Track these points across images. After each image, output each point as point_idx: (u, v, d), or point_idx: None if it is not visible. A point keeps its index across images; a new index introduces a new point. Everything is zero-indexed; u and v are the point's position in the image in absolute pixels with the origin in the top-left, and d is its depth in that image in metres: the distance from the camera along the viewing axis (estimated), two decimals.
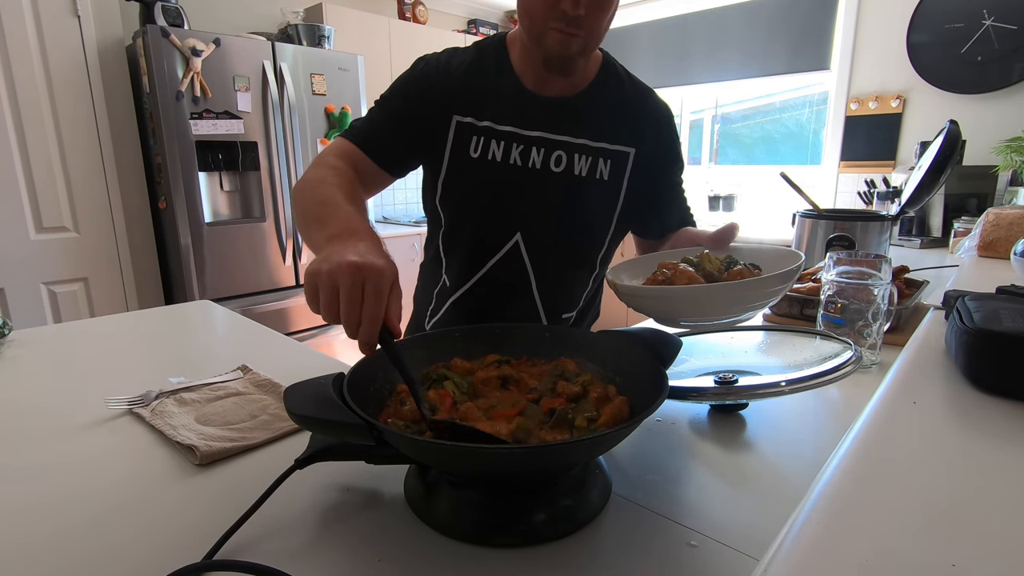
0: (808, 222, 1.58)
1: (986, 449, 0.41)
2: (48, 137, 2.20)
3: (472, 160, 0.89)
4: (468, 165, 0.90)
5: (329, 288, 0.53)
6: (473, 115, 0.89)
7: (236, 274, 2.55)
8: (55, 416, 0.76)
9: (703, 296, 0.58)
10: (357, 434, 0.49)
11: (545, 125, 0.89)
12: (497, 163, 0.89)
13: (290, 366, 0.94)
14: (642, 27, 4.08)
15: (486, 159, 0.89)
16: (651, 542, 0.50)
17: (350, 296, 0.53)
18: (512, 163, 0.89)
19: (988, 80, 2.79)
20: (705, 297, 0.58)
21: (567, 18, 0.77)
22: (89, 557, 0.49)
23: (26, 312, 2.22)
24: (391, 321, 0.54)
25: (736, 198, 3.80)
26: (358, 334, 0.53)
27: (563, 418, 0.54)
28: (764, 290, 0.58)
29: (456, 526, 0.51)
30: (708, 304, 0.59)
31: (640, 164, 0.92)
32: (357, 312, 0.53)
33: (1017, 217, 1.28)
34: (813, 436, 0.72)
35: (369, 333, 0.53)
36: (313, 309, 0.56)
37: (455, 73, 0.90)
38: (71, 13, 2.19)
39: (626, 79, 0.94)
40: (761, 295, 0.59)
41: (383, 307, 0.53)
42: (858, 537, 0.30)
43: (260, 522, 0.51)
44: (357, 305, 0.53)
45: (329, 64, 2.72)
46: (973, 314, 0.53)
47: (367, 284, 0.53)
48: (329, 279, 0.53)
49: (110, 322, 1.22)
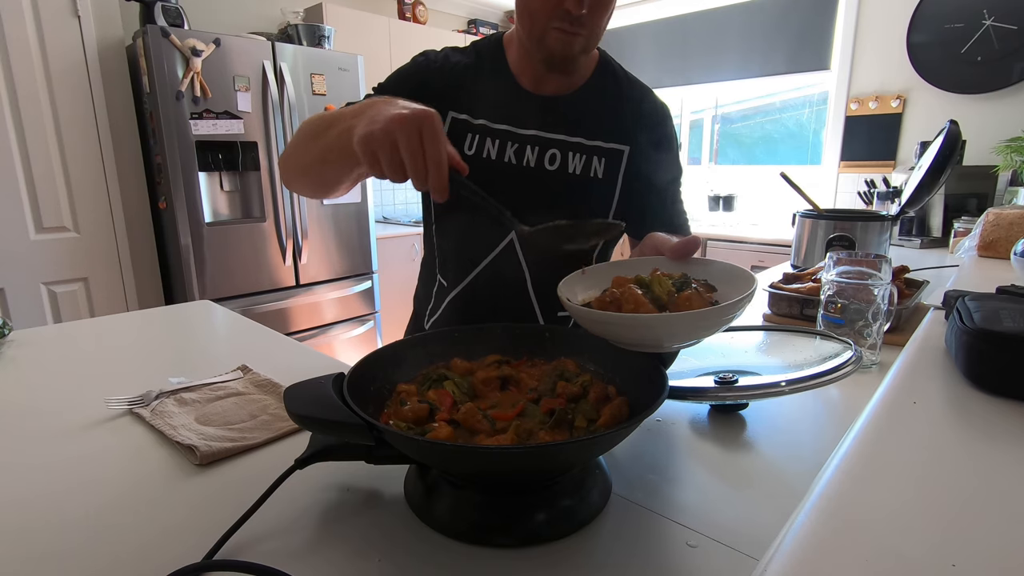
0: (808, 222, 1.58)
1: (986, 449, 0.41)
2: (48, 137, 2.20)
3: (467, 158, 0.89)
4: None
5: (388, 146, 0.54)
6: (468, 113, 0.89)
7: (236, 274, 2.55)
8: (55, 416, 0.76)
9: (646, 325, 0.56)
10: (357, 434, 0.49)
11: (540, 124, 0.89)
12: (492, 161, 0.89)
13: (290, 366, 0.94)
14: (642, 27, 4.08)
15: (480, 157, 0.89)
16: (651, 542, 0.50)
17: (410, 147, 0.53)
18: (507, 161, 0.89)
19: (988, 80, 2.79)
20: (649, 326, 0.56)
21: (570, 18, 0.77)
22: (89, 557, 0.49)
23: (26, 312, 2.22)
24: (455, 160, 0.56)
25: (736, 198, 3.80)
26: (428, 181, 0.54)
27: (563, 418, 0.54)
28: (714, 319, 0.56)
29: (456, 526, 0.51)
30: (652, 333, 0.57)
31: (634, 162, 0.92)
32: (422, 160, 0.54)
33: (1017, 217, 1.28)
34: (813, 436, 0.72)
35: (439, 177, 0.54)
36: (376, 174, 0.57)
37: (452, 71, 0.91)
38: (71, 13, 2.19)
39: (623, 77, 0.94)
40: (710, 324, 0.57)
41: (444, 149, 0.55)
42: (858, 537, 0.30)
43: (260, 522, 0.51)
44: (420, 154, 0.54)
45: (329, 64, 2.72)
46: (973, 314, 0.53)
47: (424, 131, 0.53)
48: (386, 136, 0.54)
49: (110, 322, 1.22)
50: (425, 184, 0.55)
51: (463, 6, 4.16)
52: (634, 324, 0.56)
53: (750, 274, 0.61)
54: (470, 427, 0.54)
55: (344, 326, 2.96)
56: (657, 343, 0.59)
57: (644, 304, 0.57)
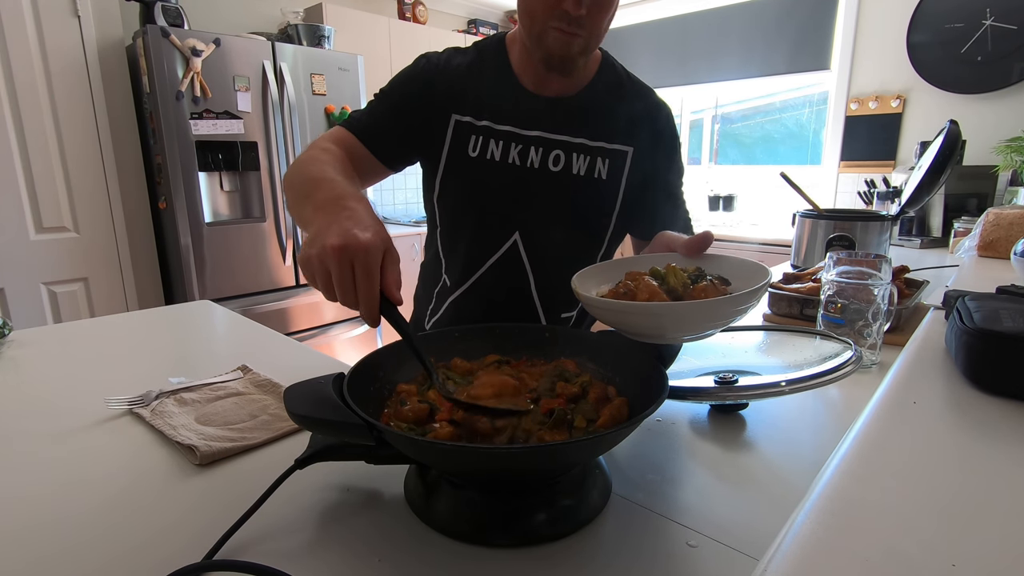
0: (808, 222, 1.58)
1: (986, 449, 0.41)
2: (48, 137, 2.20)
3: (471, 159, 0.90)
4: (466, 164, 0.90)
5: (322, 274, 0.54)
6: (472, 114, 0.89)
7: (236, 274, 2.55)
8: (55, 416, 0.76)
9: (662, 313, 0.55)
10: (357, 434, 0.49)
11: (543, 125, 0.89)
12: (495, 162, 0.89)
13: (290, 366, 0.94)
14: (642, 27, 4.08)
15: (484, 158, 0.89)
16: (651, 542, 0.50)
17: (341, 282, 0.53)
18: (511, 162, 0.89)
19: (988, 80, 2.79)
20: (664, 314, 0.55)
21: (569, 18, 0.77)
22: (89, 557, 0.49)
23: (26, 312, 2.22)
24: (389, 291, 0.55)
25: (736, 198, 3.80)
26: (360, 313, 0.54)
27: (562, 419, 0.54)
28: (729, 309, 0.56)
29: (456, 526, 0.51)
30: (668, 322, 0.56)
31: (638, 163, 0.92)
32: (352, 294, 0.54)
33: (1017, 217, 1.28)
34: (813, 436, 0.72)
35: (368, 311, 0.54)
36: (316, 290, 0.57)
37: (455, 72, 0.90)
38: (71, 13, 2.19)
39: (625, 78, 0.94)
40: (725, 314, 0.56)
41: (376, 284, 0.54)
42: (858, 537, 0.30)
43: (260, 522, 0.51)
44: (351, 289, 0.53)
45: (329, 64, 2.72)
46: (973, 314, 0.53)
47: (356, 265, 0.53)
48: (320, 265, 0.54)
49: (110, 322, 1.22)
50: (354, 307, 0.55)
51: (463, 6, 4.16)
52: (647, 312, 0.56)
53: (764, 267, 0.61)
54: (470, 427, 0.54)
55: (344, 326, 2.95)
56: (671, 332, 0.58)
57: (659, 294, 0.57)
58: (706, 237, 0.66)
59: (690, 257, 0.67)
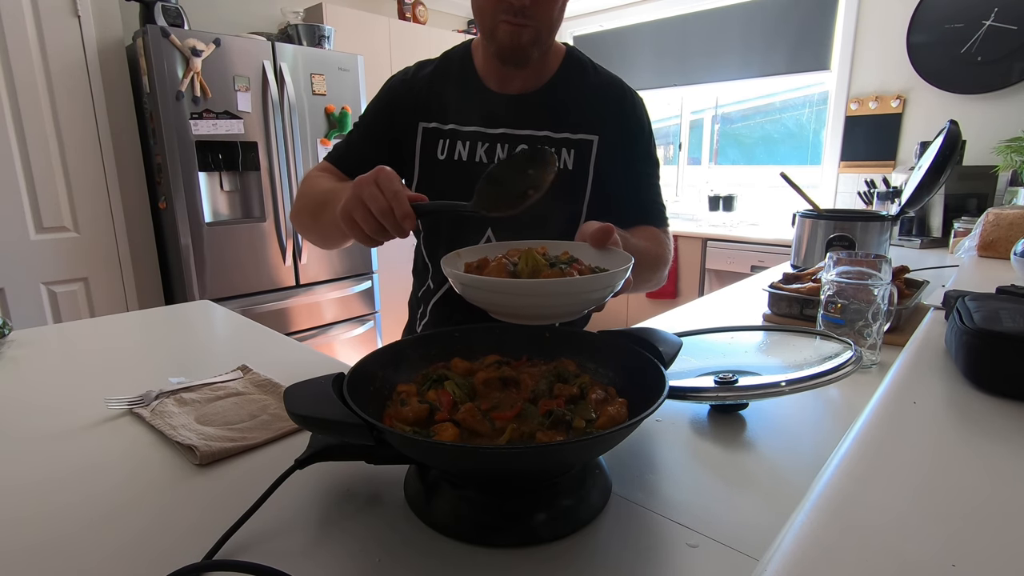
0: (808, 222, 1.58)
1: (986, 449, 0.41)
2: (48, 137, 2.20)
3: (440, 162, 0.93)
4: (436, 167, 0.93)
5: (359, 206, 0.63)
6: (438, 120, 0.93)
7: (236, 274, 2.55)
8: (55, 416, 0.76)
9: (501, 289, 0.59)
10: (357, 434, 0.49)
11: (508, 121, 0.91)
12: (463, 162, 0.92)
13: (290, 366, 0.94)
14: (642, 27, 4.08)
15: (452, 159, 0.92)
16: (651, 542, 0.50)
17: (372, 194, 0.63)
18: (478, 161, 0.91)
19: (988, 80, 2.80)
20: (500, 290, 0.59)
21: (514, 9, 0.80)
22: (89, 557, 0.49)
23: (26, 312, 2.22)
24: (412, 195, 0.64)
25: (736, 198, 3.80)
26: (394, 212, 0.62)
27: (560, 419, 0.54)
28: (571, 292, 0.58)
29: (456, 526, 0.51)
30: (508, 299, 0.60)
31: (604, 151, 0.93)
32: (383, 199, 0.62)
33: (1017, 217, 1.29)
34: (813, 436, 0.72)
35: (400, 205, 0.62)
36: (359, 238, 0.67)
37: (420, 83, 0.95)
38: (71, 13, 2.19)
39: (590, 69, 0.96)
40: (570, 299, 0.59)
41: (400, 188, 0.63)
42: (858, 537, 0.30)
43: (260, 522, 0.51)
44: (380, 197, 0.62)
45: (329, 64, 2.72)
46: (973, 314, 0.53)
47: (379, 180, 0.63)
48: (354, 198, 0.64)
49: (110, 322, 1.22)
50: (392, 218, 0.63)
51: (463, 6, 4.16)
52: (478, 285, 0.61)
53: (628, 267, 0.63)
54: (470, 428, 0.54)
55: (344, 326, 2.96)
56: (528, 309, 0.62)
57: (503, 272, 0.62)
58: (605, 229, 0.70)
59: (595, 248, 0.71)
